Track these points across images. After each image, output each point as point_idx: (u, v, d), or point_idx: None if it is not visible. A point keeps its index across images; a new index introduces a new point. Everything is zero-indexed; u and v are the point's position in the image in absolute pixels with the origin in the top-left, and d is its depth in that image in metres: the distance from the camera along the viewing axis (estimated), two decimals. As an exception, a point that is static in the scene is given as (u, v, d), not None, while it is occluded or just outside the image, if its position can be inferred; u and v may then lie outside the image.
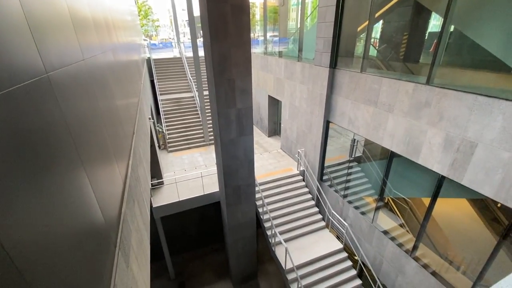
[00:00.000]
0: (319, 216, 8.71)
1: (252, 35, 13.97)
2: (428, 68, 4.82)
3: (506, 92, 3.87)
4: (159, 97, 13.68)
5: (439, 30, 4.60)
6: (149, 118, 8.48)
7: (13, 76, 1.05)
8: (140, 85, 7.74)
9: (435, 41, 4.85)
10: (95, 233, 1.69)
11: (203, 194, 8.36)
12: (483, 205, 4.91)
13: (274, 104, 12.39)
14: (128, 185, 2.94)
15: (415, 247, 5.78)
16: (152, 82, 14.91)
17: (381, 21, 6.13)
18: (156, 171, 9.04)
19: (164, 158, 11.36)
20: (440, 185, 4.96)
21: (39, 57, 1.30)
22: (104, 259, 1.77)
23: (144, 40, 23.94)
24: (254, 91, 13.34)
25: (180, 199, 8.13)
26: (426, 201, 5.36)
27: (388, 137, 5.80)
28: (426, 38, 5.32)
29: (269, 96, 11.98)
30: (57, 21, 1.68)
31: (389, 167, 6.12)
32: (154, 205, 7.94)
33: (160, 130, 12.04)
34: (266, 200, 8.69)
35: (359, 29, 6.48)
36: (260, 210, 8.45)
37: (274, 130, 13.16)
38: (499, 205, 4.42)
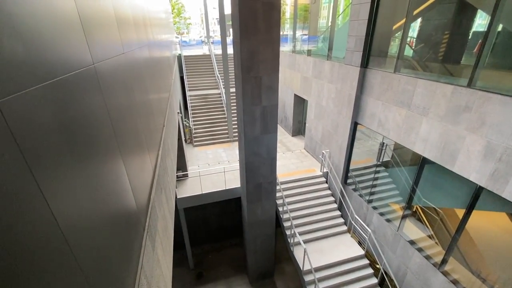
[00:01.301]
0: (341, 220, 8.48)
1: (281, 32, 13.89)
2: (470, 69, 4.48)
3: None
4: (188, 93, 14.13)
5: (485, 30, 4.24)
6: (178, 113, 8.81)
7: (67, 64, 1.16)
8: (171, 81, 8.06)
9: (480, 41, 4.48)
10: (128, 216, 1.81)
11: (225, 189, 8.53)
12: (526, 222, 4.47)
13: (300, 103, 12.24)
14: (158, 174, 3.10)
15: (444, 261, 5.42)
16: (181, 78, 15.43)
17: (419, 19, 5.79)
18: (181, 164, 9.39)
19: (190, 152, 11.74)
20: (477, 197, 4.59)
21: (87, 49, 1.42)
22: (134, 240, 1.90)
23: (176, 37, 24.82)
24: (280, 90, 13.28)
25: (203, 192, 8.36)
26: (460, 212, 5.00)
27: (421, 141, 5.48)
28: (469, 37, 4.93)
29: (295, 95, 11.86)
30: (104, 18, 1.81)
31: (420, 173, 5.79)
32: (178, 196, 8.26)
33: (187, 124, 12.45)
34: (287, 200, 8.64)
35: (394, 27, 6.18)
36: (280, 209, 8.43)
37: (299, 129, 13.01)
38: (546, 223, 4.01)
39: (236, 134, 12.40)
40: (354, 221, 8.00)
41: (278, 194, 8.70)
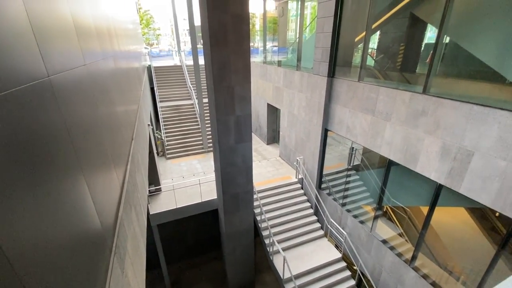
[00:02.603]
0: (318, 225, 8.64)
1: (251, 44, 14.19)
2: (425, 78, 4.91)
3: (501, 102, 3.93)
4: (159, 104, 13.76)
5: (435, 41, 4.71)
6: (148, 125, 8.51)
7: (15, 77, 1.07)
8: (140, 92, 7.80)
9: (431, 52, 4.95)
10: (91, 237, 1.68)
11: (201, 201, 8.31)
12: (481, 214, 4.90)
13: (273, 112, 12.47)
14: (126, 190, 2.94)
15: (414, 257, 5.73)
16: (152, 89, 15.02)
17: (378, 32, 6.26)
18: (154, 178, 9.01)
19: (162, 165, 11.33)
20: (438, 194, 4.96)
21: (41, 61, 1.32)
22: (99, 264, 1.76)
23: (145, 48, 24.25)
24: (253, 99, 13.45)
25: (178, 206, 8.06)
26: (425, 210, 5.35)
27: (386, 145, 5.84)
28: (422, 49, 5.43)
29: (268, 104, 12.08)
30: (61, 28, 1.72)
31: (387, 175, 6.13)
32: (151, 212, 7.87)
33: (159, 136, 12.05)
34: (264, 208, 8.63)
35: (356, 39, 6.61)
36: (258, 218, 8.38)
37: (273, 137, 13.20)
38: (497, 214, 4.42)
39: (211, 144, 12.24)
40: (330, 225, 8.19)
41: (255, 203, 8.66)
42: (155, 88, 14.69)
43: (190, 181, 9.23)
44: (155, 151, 9.43)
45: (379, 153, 6.08)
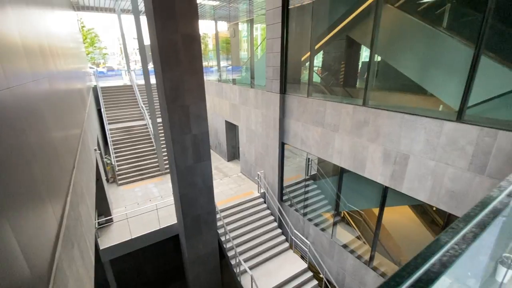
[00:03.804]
0: (283, 238, 8.69)
1: (206, 63, 14.30)
2: (363, 92, 5.48)
3: (425, 110, 4.57)
4: (108, 127, 12.77)
5: (368, 60, 5.33)
6: (95, 150, 7.79)
7: None
8: (85, 115, 7.17)
9: (366, 69, 5.58)
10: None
11: (159, 228, 7.74)
12: (422, 210, 5.50)
13: (232, 128, 12.53)
14: (65, 226, 2.59)
15: (372, 257, 6.09)
16: (99, 111, 13.93)
17: (321, 52, 6.87)
18: (103, 208, 8.16)
19: (114, 193, 10.36)
20: (385, 195, 5.44)
21: None
22: (28, 320, 1.48)
23: (91, 68, 22.64)
24: (211, 117, 13.37)
25: (133, 237, 7.37)
26: (376, 211, 5.79)
27: (337, 154, 6.26)
28: (360, 66, 6.10)
29: (226, 121, 12.11)
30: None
31: (340, 182, 6.54)
32: (101, 247, 7.04)
33: (109, 161, 11.09)
34: (228, 227, 8.40)
35: (303, 58, 7.14)
36: (223, 238, 8.10)
37: (233, 154, 13.17)
38: (434, 208, 5.01)
39: (168, 166, 11.67)
40: (294, 236, 8.31)
41: (219, 223, 8.39)
42: (102, 110, 13.65)
43: (146, 207, 8.58)
44: (104, 178, 8.61)
45: (332, 162, 6.48)
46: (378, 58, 5.36)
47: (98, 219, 7.70)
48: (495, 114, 3.88)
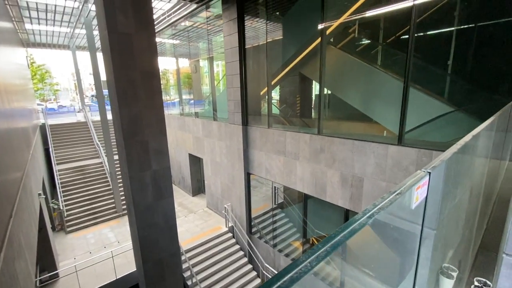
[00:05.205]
0: (254, 273, 8.30)
1: (167, 97, 14.28)
2: (317, 121, 5.94)
3: (371, 136, 5.08)
4: (56, 167, 11.58)
5: (319, 93, 5.88)
6: (39, 194, 6.94)
7: None
8: (28, 156, 6.48)
9: (318, 101, 6.13)
10: None
11: (115, 279, 6.88)
12: (381, 229, 5.80)
13: (196, 162, 12.28)
14: (-7, 289, 2.20)
15: (342, 283, 6.08)
16: (47, 150, 12.68)
17: (278, 86, 7.41)
18: (47, 262, 7.07)
19: (61, 242, 9.10)
20: (347, 218, 5.67)
21: None
22: None
23: (39, 105, 20.98)
24: (173, 151, 13.01)
25: (83, 293, 6.41)
26: (341, 235, 5.95)
27: (300, 181, 6.47)
28: (313, 98, 6.68)
29: (189, 154, 11.87)
30: None
31: (306, 208, 6.68)
32: (41, 311, 5.95)
33: (56, 206, 9.88)
34: (195, 269, 7.80)
35: (261, 93, 7.59)
36: (189, 282, 7.46)
37: (199, 188, 12.74)
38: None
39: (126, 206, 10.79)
40: (265, 270, 8.01)
41: (184, 266, 7.75)
42: (50, 149, 12.46)
43: (99, 255, 7.63)
44: (49, 227, 7.58)
45: (296, 189, 6.66)
46: (328, 91, 5.95)
47: (39, 276, 6.61)
48: (428, 137, 4.48)
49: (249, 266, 8.44)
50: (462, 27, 4.15)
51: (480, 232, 2.56)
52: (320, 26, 5.52)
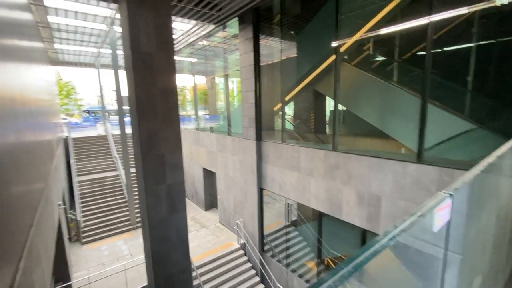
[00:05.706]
0: (266, 294, 8.01)
1: (184, 113, 14.71)
2: (332, 137, 5.87)
3: (389, 153, 4.94)
4: (76, 179, 12.02)
5: (333, 109, 5.86)
6: (59, 205, 7.19)
7: None
8: (51, 167, 6.79)
9: (333, 117, 6.10)
10: None
11: (126, 292, 6.85)
12: (401, 252, 5.48)
13: (209, 176, 12.36)
14: (12, 298, 2.25)
15: (359, 308, 5.73)
16: (68, 162, 13.24)
17: (292, 102, 7.47)
18: (62, 273, 7.17)
19: (76, 253, 9.26)
20: (364, 238, 5.42)
21: None
22: None
23: (63, 119, 22.21)
24: (188, 165, 13.20)
25: (94, 306, 6.40)
26: (357, 256, 5.68)
27: (314, 198, 6.33)
28: (328, 114, 6.66)
29: (203, 168, 11.99)
30: None
31: (321, 227, 6.47)
32: (53, 323, 5.98)
33: (74, 217, 10.15)
34: (206, 286, 7.64)
35: (275, 108, 7.66)
36: (199, 299, 7.29)
37: (211, 203, 12.72)
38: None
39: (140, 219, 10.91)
40: (278, 291, 7.70)
41: (195, 282, 7.62)
42: (71, 162, 13.00)
43: (112, 268, 7.67)
44: (65, 237, 7.77)
45: (310, 206, 6.50)
46: (342, 107, 5.92)
47: (55, 286, 6.69)
48: (449, 155, 4.30)
49: (262, 286, 8.16)
50: (481, 43, 4.08)
51: (510, 260, 2.37)
52: (334, 44, 5.59)
